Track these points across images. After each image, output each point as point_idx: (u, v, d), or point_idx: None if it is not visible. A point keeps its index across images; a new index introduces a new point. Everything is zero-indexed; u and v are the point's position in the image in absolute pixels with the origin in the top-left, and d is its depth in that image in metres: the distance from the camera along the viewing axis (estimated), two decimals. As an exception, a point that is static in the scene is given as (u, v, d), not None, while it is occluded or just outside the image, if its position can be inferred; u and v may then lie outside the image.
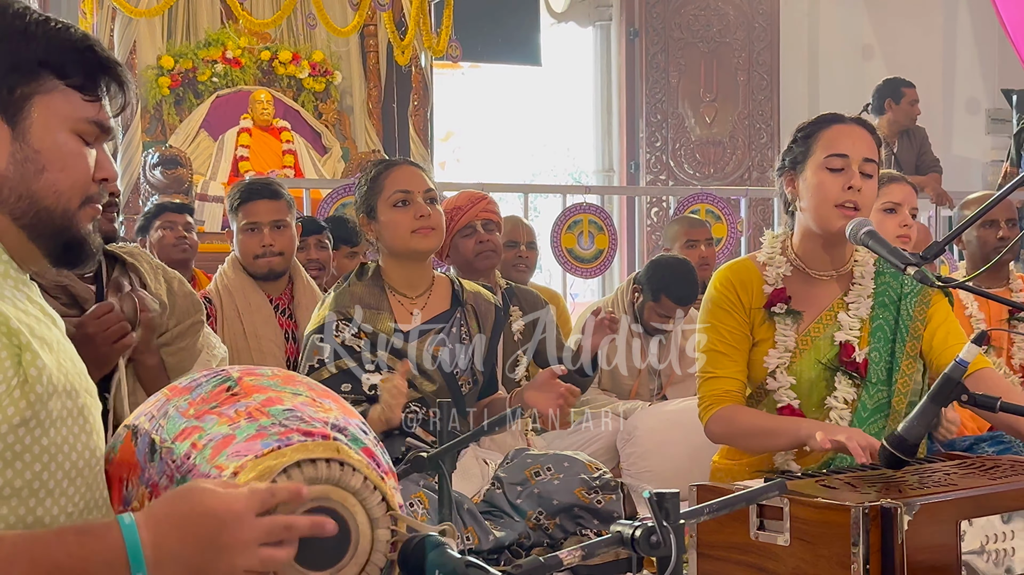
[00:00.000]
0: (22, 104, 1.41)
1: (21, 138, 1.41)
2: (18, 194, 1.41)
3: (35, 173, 1.41)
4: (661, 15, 9.22)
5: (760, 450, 2.67)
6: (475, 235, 3.82)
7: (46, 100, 1.42)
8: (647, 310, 4.22)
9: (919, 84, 7.66)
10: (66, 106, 1.43)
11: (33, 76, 1.41)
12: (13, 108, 1.40)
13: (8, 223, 1.42)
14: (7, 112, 1.40)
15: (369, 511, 1.42)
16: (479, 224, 3.83)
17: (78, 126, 1.44)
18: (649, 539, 1.37)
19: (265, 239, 3.71)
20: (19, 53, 1.40)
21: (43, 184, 1.42)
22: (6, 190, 1.40)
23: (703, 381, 2.70)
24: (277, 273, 3.78)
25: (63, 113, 1.43)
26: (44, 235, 1.43)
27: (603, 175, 9.61)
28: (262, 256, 3.72)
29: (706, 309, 2.74)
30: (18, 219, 1.42)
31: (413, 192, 2.95)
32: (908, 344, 2.67)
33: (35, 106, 1.41)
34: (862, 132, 2.66)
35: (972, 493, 1.99)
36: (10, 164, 1.40)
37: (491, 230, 3.87)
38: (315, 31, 8.31)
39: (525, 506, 2.84)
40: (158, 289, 2.48)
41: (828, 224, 2.61)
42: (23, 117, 1.41)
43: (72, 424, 1.39)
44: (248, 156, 7.86)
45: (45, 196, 1.42)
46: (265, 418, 1.43)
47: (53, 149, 1.42)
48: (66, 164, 1.43)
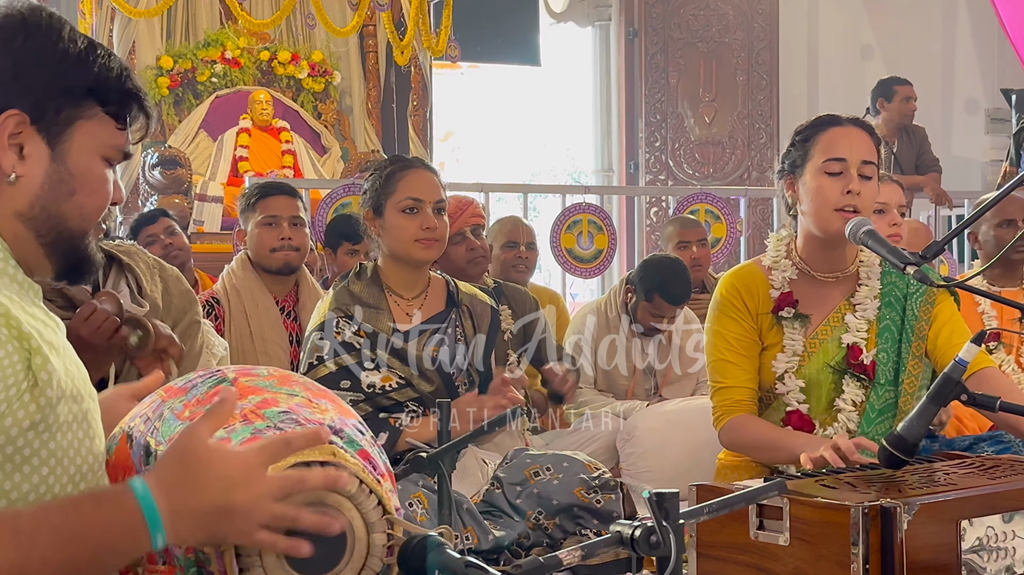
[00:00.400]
0: (65, 127, 1.44)
1: (59, 159, 1.44)
2: (47, 213, 1.44)
3: (66, 195, 1.45)
4: (660, 15, 9.22)
5: (766, 462, 2.68)
6: (465, 242, 3.82)
7: (86, 126, 1.45)
8: (640, 310, 4.22)
9: (918, 84, 7.66)
10: (102, 133, 1.47)
11: (80, 102, 1.44)
12: (56, 130, 1.43)
13: (29, 236, 1.44)
14: (50, 133, 1.43)
15: (365, 515, 1.41)
16: (468, 231, 3.84)
17: (108, 152, 1.48)
18: (649, 539, 1.37)
19: (284, 232, 3.75)
20: (72, 78, 1.44)
21: (72, 206, 1.45)
22: (37, 207, 1.43)
23: (714, 391, 2.72)
24: (292, 268, 3.81)
25: (98, 139, 1.46)
26: (60, 252, 1.47)
27: (602, 175, 9.61)
28: (279, 249, 3.74)
29: (713, 316, 2.74)
30: (41, 236, 1.44)
31: (424, 202, 2.94)
32: (914, 344, 2.66)
33: (76, 131, 1.45)
34: (860, 133, 2.65)
35: (972, 493, 1.99)
36: (45, 183, 1.43)
37: (478, 235, 3.89)
38: (314, 31, 8.31)
39: (524, 506, 2.84)
40: (153, 290, 2.47)
41: (829, 227, 2.60)
42: (64, 140, 1.44)
43: (77, 429, 1.40)
44: (247, 156, 7.86)
45: (71, 218, 1.45)
46: (260, 420, 1.42)
47: (86, 173, 1.46)
48: (94, 189, 1.47)
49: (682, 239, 5.04)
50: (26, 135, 1.41)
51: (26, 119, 1.41)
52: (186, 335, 2.51)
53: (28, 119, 1.41)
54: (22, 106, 1.40)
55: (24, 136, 1.41)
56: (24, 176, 1.41)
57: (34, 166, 1.42)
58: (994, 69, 9.59)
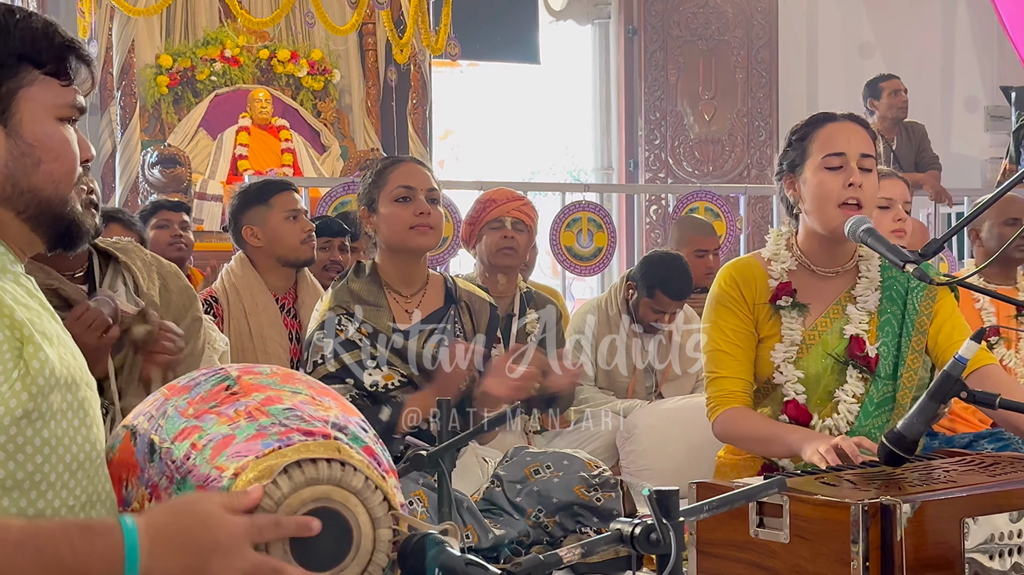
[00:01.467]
0: (9, 100, 1.42)
1: (14, 134, 1.42)
2: (19, 189, 1.42)
3: (32, 166, 1.43)
4: (660, 13, 9.21)
5: (759, 455, 2.68)
6: (502, 230, 3.85)
7: (30, 93, 1.43)
8: (642, 306, 4.22)
9: (918, 81, 7.66)
10: (48, 95, 1.45)
11: (15, 71, 1.42)
12: (2, 106, 1.42)
13: (9, 216, 1.43)
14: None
15: (371, 511, 1.41)
16: (508, 221, 3.86)
17: (60, 112, 1.46)
18: (649, 537, 1.37)
19: (308, 225, 3.82)
20: (1, 50, 1.42)
21: (41, 176, 1.44)
22: (8, 186, 1.42)
23: (709, 382, 2.71)
24: (313, 260, 3.85)
25: (47, 102, 1.44)
26: (45, 223, 1.46)
27: (602, 173, 9.61)
28: (308, 240, 3.79)
29: (710, 307, 2.74)
30: (22, 212, 1.44)
31: (416, 189, 2.96)
32: (914, 339, 2.66)
33: (21, 100, 1.43)
34: (856, 128, 2.66)
35: (972, 491, 1.99)
36: (9, 161, 1.42)
37: (520, 230, 3.90)
38: (314, 30, 8.30)
39: (525, 504, 2.84)
40: (151, 288, 2.45)
41: (832, 223, 2.60)
42: (12, 113, 1.42)
43: (72, 417, 1.40)
44: (247, 155, 7.85)
45: (45, 187, 1.44)
46: (265, 417, 1.43)
47: (45, 140, 1.44)
48: (59, 153, 1.45)
49: (699, 248, 5.02)
50: None
51: None
52: (189, 333, 2.49)
53: None
54: None
55: None
56: None
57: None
58: (993, 67, 9.58)
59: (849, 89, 8.29)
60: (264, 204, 3.81)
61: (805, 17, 9.49)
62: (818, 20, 9.54)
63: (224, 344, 2.72)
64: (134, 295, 2.43)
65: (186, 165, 7.38)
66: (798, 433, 2.54)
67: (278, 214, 3.79)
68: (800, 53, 9.48)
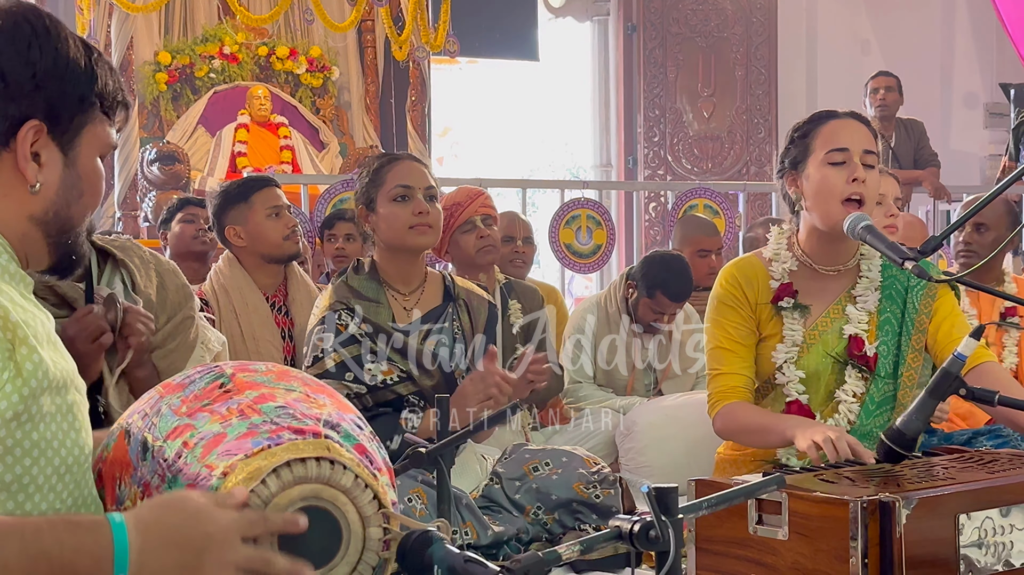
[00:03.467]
0: (76, 134, 1.46)
1: (71, 165, 1.46)
2: (59, 216, 1.47)
3: (76, 198, 1.48)
4: (659, 10, 9.21)
5: (759, 446, 2.68)
6: (475, 231, 3.83)
7: (92, 129, 1.48)
8: (641, 306, 4.21)
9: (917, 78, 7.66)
10: (102, 133, 1.50)
11: (89, 107, 1.47)
12: (69, 136, 1.45)
13: (38, 236, 1.46)
14: (63, 140, 1.45)
15: (360, 509, 1.41)
16: (479, 219, 3.84)
17: (104, 150, 1.51)
18: (648, 534, 1.37)
19: (290, 220, 3.78)
20: (84, 85, 1.46)
21: (79, 208, 1.49)
22: (51, 212, 1.46)
23: (711, 379, 2.72)
24: (298, 255, 3.83)
25: (100, 140, 1.49)
26: (61, 249, 1.49)
27: (601, 170, 9.61)
28: (291, 236, 3.77)
29: (712, 306, 2.74)
30: (50, 236, 1.47)
31: (414, 188, 2.95)
32: (914, 337, 2.66)
33: (85, 135, 1.47)
34: (858, 125, 2.67)
35: (971, 487, 1.99)
36: (60, 189, 1.46)
37: (489, 224, 3.88)
38: (312, 26, 8.31)
39: (523, 501, 2.84)
40: (148, 286, 2.43)
41: (835, 220, 2.60)
42: (75, 146, 1.46)
43: (62, 420, 1.40)
44: (246, 152, 7.85)
45: (77, 219, 1.49)
46: (256, 415, 1.42)
47: (91, 175, 1.49)
48: (96, 189, 1.50)
49: (703, 248, 5.01)
50: (42, 143, 1.43)
51: (43, 128, 1.42)
52: (178, 329, 2.48)
53: (45, 128, 1.43)
54: (40, 115, 1.42)
55: (40, 144, 1.43)
56: (44, 183, 1.44)
57: (50, 173, 1.44)
58: (993, 63, 9.59)
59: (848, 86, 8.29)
60: (245, 202, 3.79)
61: (804, 14, 9.49)
62: (817, 17, 9.54)
63: (220, 344, 2.70)
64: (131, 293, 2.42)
65: (185, 162, 7.38)
66: (792, 420, 2.55)
67: (259, 212, 3.76)
68: (799, 50, 9.48)
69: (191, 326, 2.51)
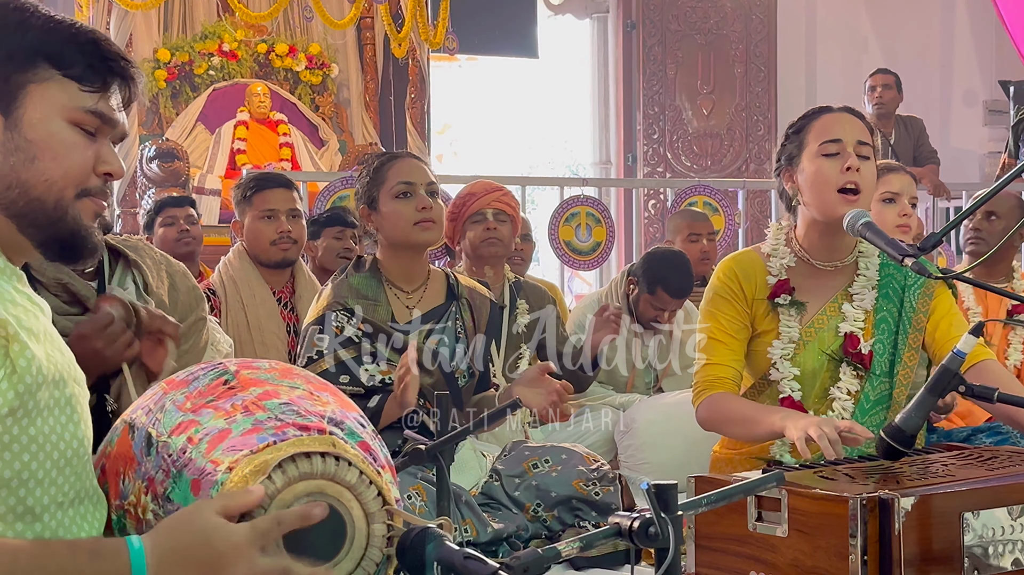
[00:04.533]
0: (16, 93, 1.41)
1: (13, 127, 1.41)
2: (7, 183, 1.40)
3: (25, 162, 1.40)
4: (658, 7, 9.21)
5: (743, 438, 2.66)
6: (484, 222, 3.83)
7: (40, 90, 1.42)
8: (642, 302, 4.21)
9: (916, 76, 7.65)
10: (62, 95, 1.43)
11: (28, 65, 1.41)
12: (7, 97, 1.41)
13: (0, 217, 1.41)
14: (0, 101, 1.40)
15: (365, 506, 1.41)
16: (490, 212, 3.84)
17: (75, 115, 1.43)
18: (647, 531, 1.37)
19: (282, 226, 3.75)
20: (15, 43, 1.41)
21: (33, 173, 1.41)
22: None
23: (698, 368, 2.71)
24: (290, 261, 3.81)
25: (58, 102, 1.42)
26: (35, 225, 1.42)
27: (600, 167, 9.61)
28: (279, 242, 3.74)
29: (708, 298, 2.74)
30: (7, 209, 1.41)
31: (416, 184, 2.95)
32: (911, 336, 2.66)
33: (29, 95, 1.41)
34: (851, 118, 2.67)
35: (970, 484, 1.99)
36: (0, 153, 1.40)
37: (502, 220, 3.87)
38: (312, 24, 8.29)
39: (523, 498, 2.85)
40: (159, 287, 2.42)
41: (831, 211, 2.60)
42: (16, 106, 1.41)
43: (60, 414, 1.39)
44: (245, 149, 7.85)
45: (35, 185, 1.41)
46: (261, 412, 1.43)
47: (46, 138, 1.41)
48: (58, 153, 1.42)
49: (692, 232, 5.04)
50: None
51: None
52: (191, 331, 2.47)
53: None
54: None
55: None
56: None
57: None
58: (992, 61, 9.58)
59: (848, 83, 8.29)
60: (246, 200, 3.79)
61: (804, 11, 9.49)
62: (816, 14, 9.54)
63: (228, 346, 2.70)
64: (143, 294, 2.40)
65: (184, 159, 7.37)
66: (780, 412, 2.52)
67: (254, 212, 3.76)
68: (799, 47, 9.48)
69: (203, 328, 2.50)
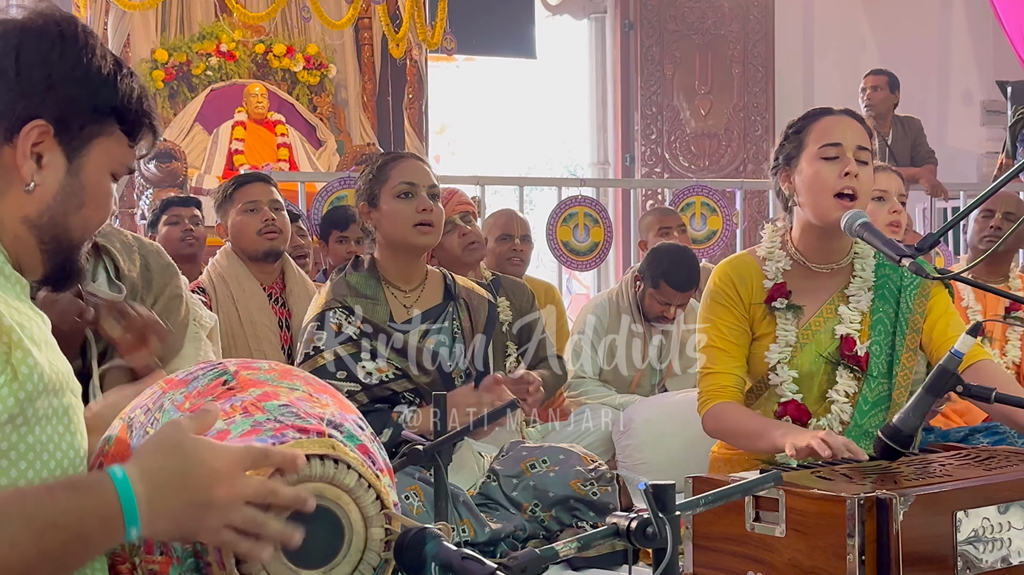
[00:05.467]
0: (85, 143, 1.46)
1: (74, 173, 1.46)
2: (54, 223, 1.46)
3: (75, 207, 1.47)
4: (656, 7, 9.21)
5: (747, 450, 2.68)
6: (456, 229, 3.82)
7: (104, 143, 1.48)
8: (648, 298, 4.24)
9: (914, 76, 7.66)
10: (117, 150, 1.49)
11: (103, 119, 1.47)
12: (76, 144, 1.45)
13: (31, 241, 1.46)
14: (70, 146, 1.45)
15: (363, 509, 1.41)
16: (457, 218, 3.83)
17: (117, 168, 1.51)
18: (645, 531, 1.37)
19: (266, 215, 3.77)
20: (101, 96, 1.46)
21: (78, 218, 1.48)
22: (46, 216, 1.45)
23: (702, 377, 2.72)
24: (277, 251, 3.82)
25: (113, 156, 1.49)
26: (56, 260, 1.49)
27: (598, 168, 9.61)
28: (264, 231, 3.75)
29: (705, 305, 2.74)
30: (43, 243, 1.46)
31: (418, 185, 2.96)
32: (908, 337, 2.66)
33: (95, 147, 1.47)
34: (852, 121, 2.67)
35: (968, 484, 1.99)
36: (58, 194, 1.45)
37: (468, 221, 3.88)
38: (309, 24, 8.29)
39: (521, 498, 2.85)
40: (131, 270, 2.39)
41: (827, 215, 2.60)
42: (82, 155, 1.46)
43: (57, 423, 1.39)
44: (243, 150, 7.84)
45: (75, 229, 1.48)
46: (260, 413, 1.42)
47: (96, 188, 1.48)
48: (100, 204, 1.50)
49: (663, 226, 5.07)
50: (47, 145, 1.43)
51: (50, 130, 1.43)
52: (167, 309, 2.44)
53: (52, 130, 1.43)
54: (48, 117, 1.42)
55: (45, 146, 1.43)
56: (40, 185, 1.44)
57: (50, 176, 1.44)
58: (990, 61, 9.59)
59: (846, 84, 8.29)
60: (228, 200, 3.82)
61: (801, 11, 9.49)
62: (814, 14, 9.55)
63: (212, 320, 2.67)
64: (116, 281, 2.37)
65: (182, 160, 7.37)
66: (782, 428, 2.54)
67: (237, 208, 3.79)
68: (796, 47, 9.49)
69: (180, 304, 2.48)
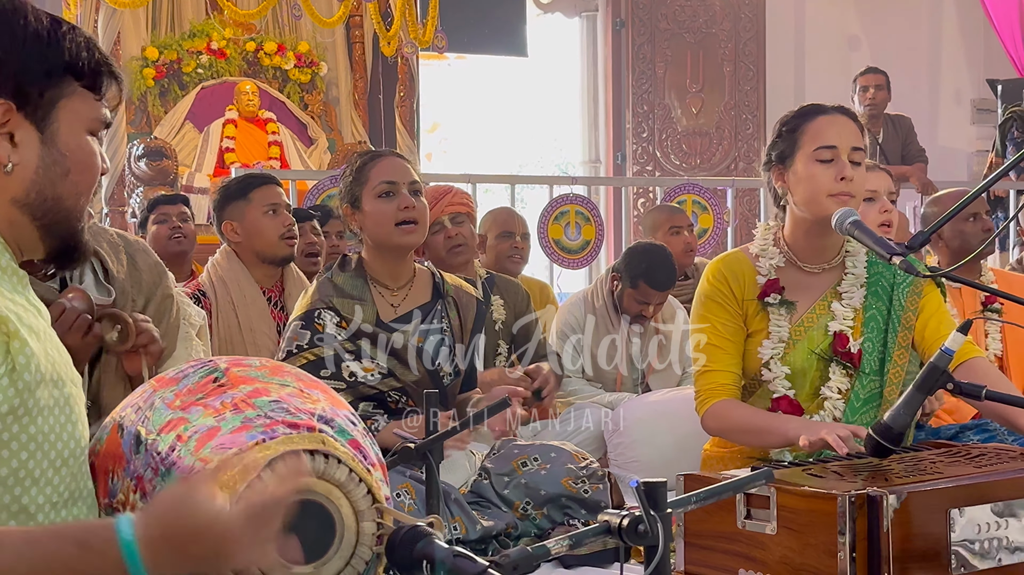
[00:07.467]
0: (50, 109, 1.44)
1: (50, 142, 1.44)
2: (44, 196, 1.44)
3: (61, 175, 1.45)
4: (647, 6, 9.21)
5: (755, 446, 2.68)
6: (443, 231, 3.79)
7: (69, 104, 1.46)
8: (626, 297, 4.23)
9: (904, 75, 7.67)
10: (84, 107, 1.47)
11: (59, 81, 1.45)
12: (42, 113, 1.44)
13: (25, 220, 1.44)
14: (37, 117, 1.43)
15: (354, 504, 1.41)
16: (446, 219, 3.80)
17: (92, 125, 1.48)
18: (636, 528, 1.37)
19: (287, 219, 3.76)
20: (48, 58, 1.44)
21: (67, 185, 1.46)
22: (33, 193, 1.43)
23: (698, 375, 2.71)
24: (292, 258, 3.81)
25: (82, 115, 1.47)
26: (55, 233, 1.47)
27: (590, 166, 9.61)
28: (287, 236, 3.75)
29: (699, 303, 2.74)
30: (37, 219, 1.45)
31: (398, 183, 2.95)
32: (900, 334, 2.67)
33: (61, 110, 1.45)
34: (846, 121, 2.67)
35: (958, 481, 2.00)
36: (39, 168, 1.43)
37: (460, 222, 3.84)
38: (300, 22, 8.27)
39: (512, 496, 2.85)
40: (119, 270, 2.36)
41: (823, 214, 2.60)
42: (51, 122, 1.44)
43: (59, 414, 1.39)
44: (234, 148, 7.83)
45: (68, 197, 1.46)
46: (251, 410, 1.42)
47: (77, 151, 1.46)
48: (87, 165, 1.48)
49: (673, 225, 5.04)
50: (15, 122, 1.41)
51: (12, 106, 1.41)
52: (160, 311, 2.41)
53: (14, 106, 1.41)
54: (5, 94, 1.40)
55: (13, 124, 1.41)
56: (19, 164, 1.42)
57: (27, 152, 1.42)
58: (980, 59, 9.61)
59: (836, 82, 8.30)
60: (243, 199, 3.78)
61: (792, 10, 9.50)
62: (805, 13, 9.55)
63: (200, 318, 2.65)
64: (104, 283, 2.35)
65: (172, 158, 7.35)
66: (794, 421, 2.55)
67: (257, 209, 3.76)
68: (787, 46, 9.49)
69: (172, 305, 2.45)
